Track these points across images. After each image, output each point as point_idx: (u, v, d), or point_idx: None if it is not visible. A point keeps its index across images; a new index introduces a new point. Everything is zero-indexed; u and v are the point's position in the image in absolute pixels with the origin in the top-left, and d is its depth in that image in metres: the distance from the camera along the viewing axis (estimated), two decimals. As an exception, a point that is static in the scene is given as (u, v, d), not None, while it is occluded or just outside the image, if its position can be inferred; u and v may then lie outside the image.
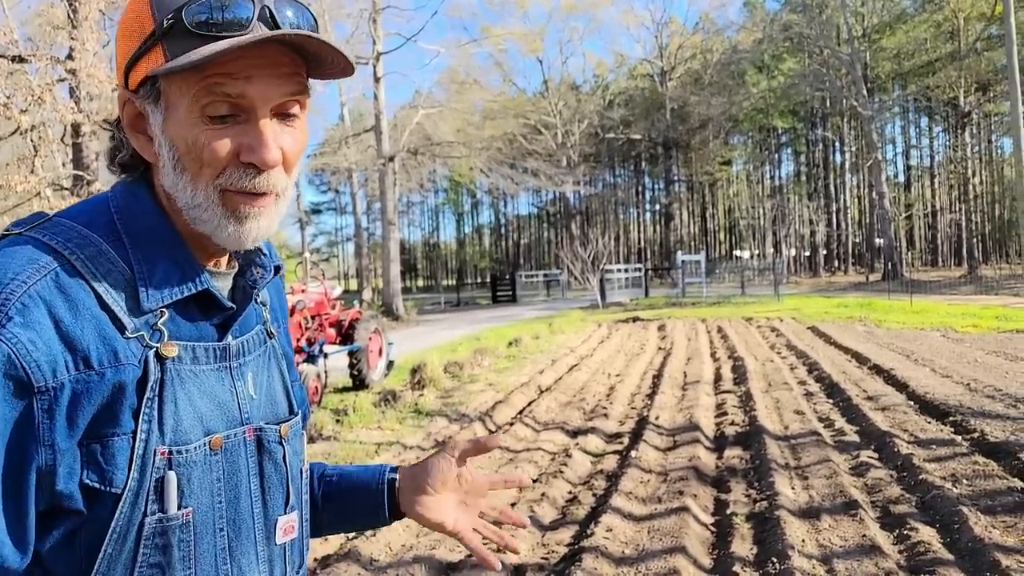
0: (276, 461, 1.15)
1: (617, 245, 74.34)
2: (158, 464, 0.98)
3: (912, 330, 17.84)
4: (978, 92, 55.77)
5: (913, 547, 4.81)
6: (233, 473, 1.08)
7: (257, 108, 1.01)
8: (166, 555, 0.99)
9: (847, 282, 50.49)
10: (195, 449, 1.02)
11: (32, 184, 8.18)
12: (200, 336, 1.07)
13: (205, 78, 0.99)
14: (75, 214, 1.04)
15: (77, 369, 0.92)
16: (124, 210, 1.06)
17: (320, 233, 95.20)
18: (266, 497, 1.14)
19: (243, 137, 1.02)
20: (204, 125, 1.01)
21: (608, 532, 5.26)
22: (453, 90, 50.56)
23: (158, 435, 0.98)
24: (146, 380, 0.98)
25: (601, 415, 9.35)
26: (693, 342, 17.31)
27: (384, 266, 33.36)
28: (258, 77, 1.01)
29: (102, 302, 0.97)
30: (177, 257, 1.06)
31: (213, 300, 1.09)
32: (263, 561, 1.13)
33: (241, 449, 1.09)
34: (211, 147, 1.01)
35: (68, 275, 0.95)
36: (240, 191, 1.03)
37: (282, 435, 1.17)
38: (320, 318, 11.65)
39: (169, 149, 1.03)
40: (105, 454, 0.95)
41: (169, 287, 1.03)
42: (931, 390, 9.69)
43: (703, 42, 67.64)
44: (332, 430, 8.73)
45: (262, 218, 1.06)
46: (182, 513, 1.00)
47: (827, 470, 6.53)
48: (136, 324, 0.99)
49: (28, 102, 8.58)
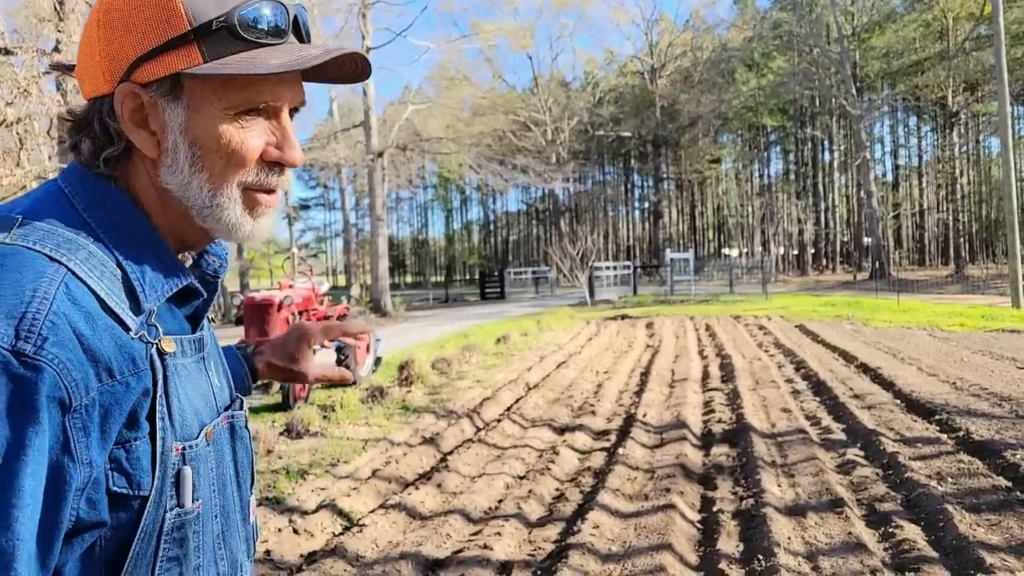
0: (246, 445, 1.19)
1: (606, 243, 74.45)
2: (175, 460, 0.99)
3: (899, 329, 17.91)
4: (966, 92, 56.06)
5: (898, 545, 4.83)
6: (220, 461, 1.10)
7: (283, 109, 1.05)
8: (183, 547, 1.01)
9: (835, 281, 50.70)
10: (199, 442, 1.03)
11: (18, 178, 8.13)
12: (181, 330, 1.07)
13: (244, 83, 1.01)
14: (35, 212, 0.99)
15: (101, 381, 0.91)
16: (94, 206, 1.03)
17: (308, 229, 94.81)
18: (240, 480, 1.17)
19: (271, 137, 1.05)
20: (236, 124, 1.02)
21: (595, 529, 5.27)
22: (443, 86, 50.56)
23: (171, 432, 0.99)
24: (155, 379, 0.98)
25: (589, 412, 9.35)
26: (681, 340, 17.35)
27: (372, 262, 33.26)
28: (287, 81, 1.04)
29: (105, 306, 0.95)
30: (159, 253, 1.05)
31: (189, 293, 1.10)
32: (243, 540, 1.17)
33: (223, 437, 1.12)
34: (244, 145, 1.02)
35: (74, 284, 0.92)
36: (261, 189, 1.06)
37: (247, 419, 1.21)
38: (308, 314, 11.62)
39: (189, 147, 1.02)
40: (130, 459, 0.95)
41: (161, 283, 1.03)
42: (917, 389, 9.73)
43: (693, 40, 67.77)
44: (319, 426, 8.70)
45: (270, 215, 1.09)
46: (196, 505, 1.02)
47: (813, 468, 6.55)
48: (137, 324, 0.98)
49: (14, 95, 8.52)
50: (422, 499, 6.09)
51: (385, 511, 5.74)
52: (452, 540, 5.25)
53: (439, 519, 5.62)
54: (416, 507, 5.91)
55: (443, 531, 5.34)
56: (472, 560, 4.74)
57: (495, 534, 5.22)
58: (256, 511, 1.25)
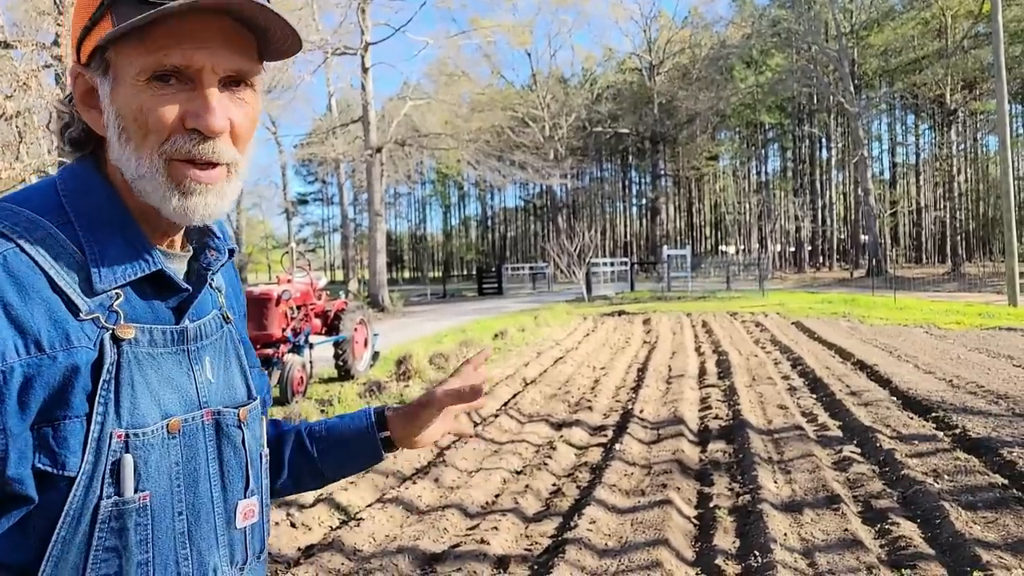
0: (235, 445, 1.15)
1: (603, 239, 74.52)
2: (114, 447, 0.97)
3: (896, 326, 17.94)
4: (964, 90, 56.09)
5: (894, 541, 4.84)
6: (192, 457, 1.07)
7: (204, 76, 1.01)
8: (122, 539, 0.99)
9: (832, 278, 50.72)
10: (152, 432, 1.01)
11: (18, 171, 8.13)
12: (157, 319, 1.07)
13: (152, 46, 0.99)
14: (22, 199, 1.04)
15: (28, 353, 0.92)
16: (72, 191, 1.05)
17: (306, 224, 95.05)
18: (225, 481, 1.14)
19: (189, 104, 1.02)
20: (150, 91, 1.00)
21: (592, 524, 5.28)
22: (441, 82, 50.51)
23: (114, 418, 0.98)
24: (102, 362, 0.97)
25: (586, 408, 9.37)
26: (678, 336, 17.36)
27: (370, 257, 33.28)
28: (205, 46, 1.01)
29: (54, 284, 0.96)
30: (129, 237, 1.05)
31: (168, 282, 1.09)
32: (223, 545, 1.13)
33: (200, 433, 1.09)
34: (156, 112, 1.00)
35: (17, 259, 0.94)
36: (186, 159, 1.03)
37: (241, 419, 1.17)
38: (306, 308, 11.62)
39: (116, 119, 1.03)
40: (57, 437, 0.94)
41: (122, 267, 1.03)
42: (914, 386, 9.75)
43: (692, 37, 67.74)
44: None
45: (209, 194, 1.05)
46: (139, 496, 0.99)
47: (810, 464, 6.56)
48: (91, 306, 0.98)
49: (13, 88, 8.52)
50: (419, 493, 6.10)
51: (383, 505, 5.75)
52: (449, 534, 5.26)
53: (436, 513, 5.63)
54: (413, 501, 5.92)
55: (440, 525, 5.35)
56: (469, 554, 4.75)
57: (492, 528, 5.23)
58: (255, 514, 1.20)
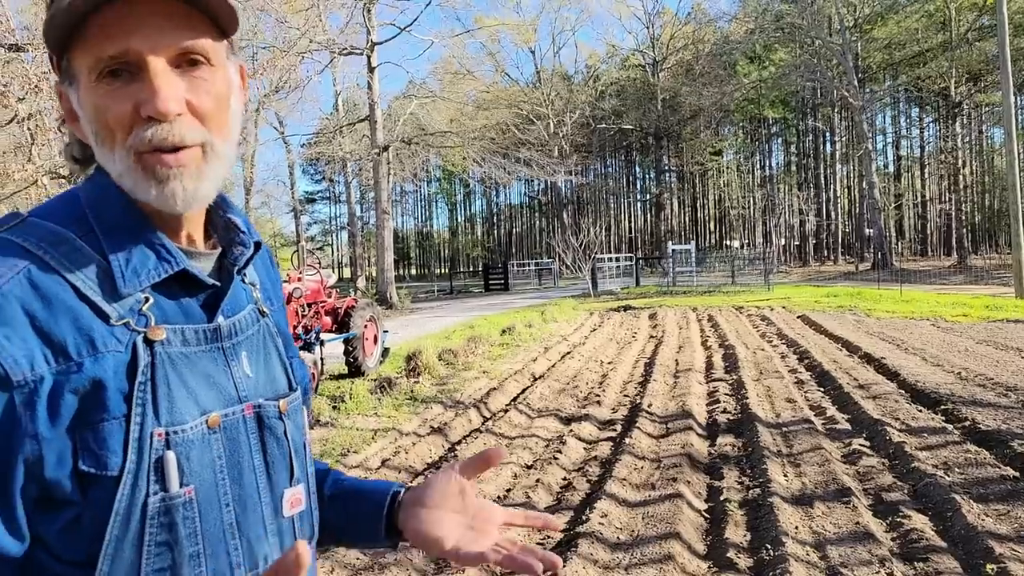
0: (277, 436, 1.17)
1: (608, 235, 74.40)
2: (156, 445, 1.00)
3: (902, 319, 17.94)
4: (969, 82, 55.87)
5: (906, 534, 4.87)
6: (234, 450, 1.09)
7: (147, 61, 1.01)
8: (172, 532, 1.01)
9: (837, 271, 50.65)
10: (192, 428, 1.03)
11: (30, 172, 8.17)
12: (188, 318, 1.09)
13: (91, 42, 1.00)
14: (47, 212, 1.06)
15: (56, 361, 0.95)
16: (94, 201, 1.07)
17: (314, 222, 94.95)
18: (270, 471, 1.15)
19: (140, 93, 1.01)
20: (102, 89, 1.01)
21: (603, 518, 5.31)
22: (447, 80, 50.47)
23: (153, 417, 1.00)
24: (136, 365, 1.00)
25: (594, 402, 9.40)
26: (684, 331, 17.38)
27: (378, 255, 33.28)
28: (142, 30, 1.00)
29: (80, 294, 0.99)
30: (149, 240, 1.07)
31: (195, 281, 1.11)
32: (272, 534, 1.15)
33: (241, 426, 1.11)
34: (112, 109, 1.01)
35: (41, 272, 0.97)
36: (152, 149, 1.02)
37: (281, 410, 1.18)
38: (316, 306, 11.68)
39: (87, 124, 1.05)
40: (97, 439, 0.97)
41: (146, 271, 1.05)
42: (922, 379, 9.76)
43: (695, 32, 67.55)
44: (329, 416, 8.76)
45: (185, 178, 1.04)
46: (184, 491, 1.02)
47: (819, 458, 6.59)
48: (120, 312, 1.01)
49: (25, 91, 8.55)
50: (432, 489, 6.13)
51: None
52: (463, 529, 5.29)
53: (450, 509, 5.65)
54: (427, 497, 5.95)
55: (454, 520, 5.37)
56: (484, 549, 4.78)
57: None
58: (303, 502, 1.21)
